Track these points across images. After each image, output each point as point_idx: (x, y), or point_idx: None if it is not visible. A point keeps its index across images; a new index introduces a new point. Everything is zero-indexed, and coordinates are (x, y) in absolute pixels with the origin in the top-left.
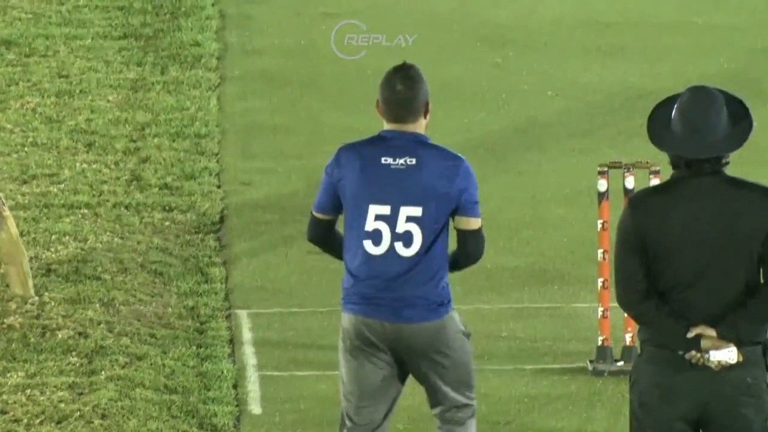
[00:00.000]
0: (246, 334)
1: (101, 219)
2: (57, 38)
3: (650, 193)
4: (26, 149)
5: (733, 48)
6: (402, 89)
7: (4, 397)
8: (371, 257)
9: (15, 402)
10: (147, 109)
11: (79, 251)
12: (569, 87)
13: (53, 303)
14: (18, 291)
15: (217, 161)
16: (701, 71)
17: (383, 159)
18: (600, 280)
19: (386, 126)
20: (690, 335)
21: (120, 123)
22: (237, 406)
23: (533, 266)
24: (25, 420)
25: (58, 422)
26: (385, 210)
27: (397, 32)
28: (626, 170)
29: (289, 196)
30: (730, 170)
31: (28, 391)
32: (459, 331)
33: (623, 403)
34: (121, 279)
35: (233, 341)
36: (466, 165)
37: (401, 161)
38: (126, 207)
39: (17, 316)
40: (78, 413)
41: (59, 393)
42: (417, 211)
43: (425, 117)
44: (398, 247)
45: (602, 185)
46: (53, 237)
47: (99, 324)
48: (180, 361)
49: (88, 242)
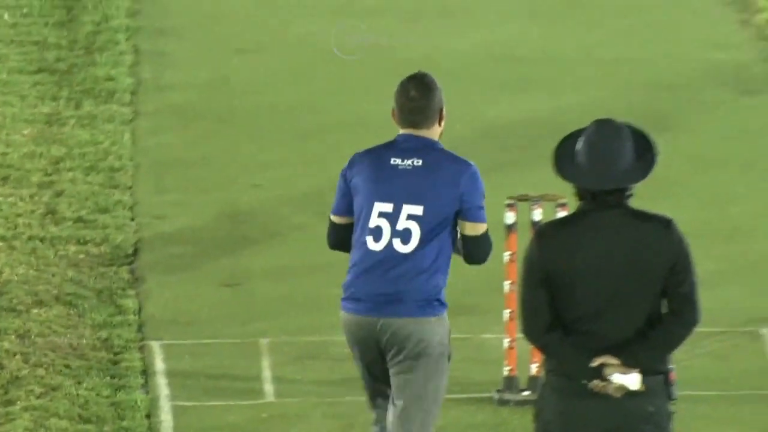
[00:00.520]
0: (159, 365)
1: (16, 252)
2: None
3: (556, 226)
4: None
5: (638, 81)
6: (416, 95)
7: None
8: (370, 252)
9: None
10: (61, 143)
11: None
12: (477, 120)
13: None
14: None
15: (131, 195)
16: (607, 104)
17: (392, 160)
18: (507, 311)
19: (401, 131)
20: (593, 365)
21: (35, 157)
22: None
23: None
24: None
25: None
26: (388, 207)
27: (308, 67)
28: (533, 203)
29: (202, 229)
30: (635, 203)
31: None
32: (442, 344)
33: None
34: (37, 311)
35: (146, 372)
36: (473, 170)
37: (409, 162)
38: (41, 240)
39: None
40: None
41: None
42: (418, 210)
43: (440, 124)
44: (396, 244)
45: (510, 218)
46: None
47: (14, 355)
48: (94, 392)
49: (4, 275)
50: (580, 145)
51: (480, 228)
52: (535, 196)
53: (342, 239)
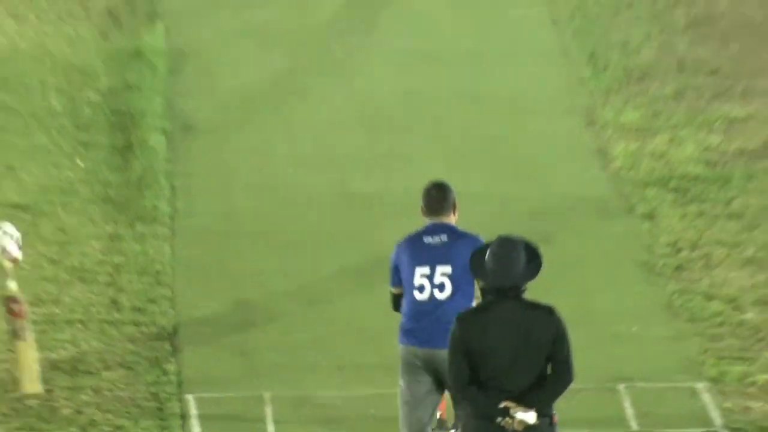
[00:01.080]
0: (193, 411)
1: (90, 331)
2: None
3: (472, 313)
4: None
5: (523, 211)
6: (435, 194)
7: None
8: (418, 302)
9: None
10: (121, 254)
11: None
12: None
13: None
14: (28, 390)
15: (171, 290)
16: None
17: (425, 238)
18: None
19: (428, 221)
20: (501, 406)
21: (103, 263)
22: None
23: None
24: None
25: None
26: (426, 270)
27: (308, 202)
28: None
29: (222, 315)
30: (532, 293)
31: None
32: None
33: None
34: (106, 373)
35: (184, 417)
36: (481, 239)
37: (437, 238)
38: (108, 322)
39: None
40: None
41: None
42: (448, 269)
43: (454, 213)
44: (436, 293)
45: None
46: None
47: (91, 405)
48: (147, 431)
49: (82, 347)
50: (488, 256)
51: None
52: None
53: (400, 303)
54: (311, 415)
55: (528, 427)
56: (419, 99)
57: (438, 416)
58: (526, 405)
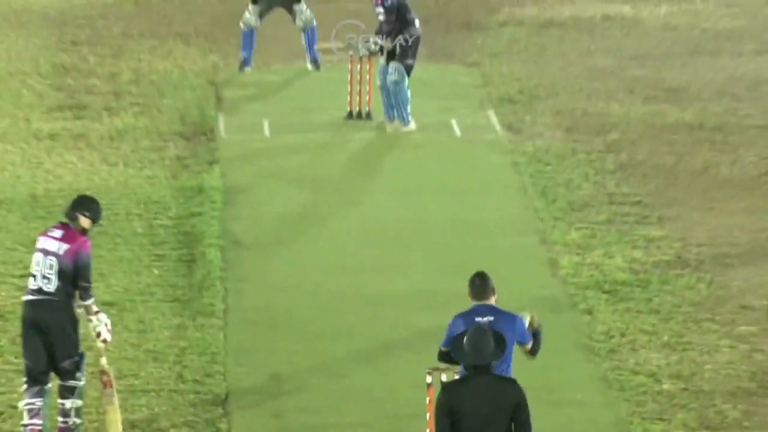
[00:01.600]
0: None
1: (161, 400)
2: None
3: (453, 383)
4: None
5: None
6: (479, 283)
7: None
8: None
9: None
10: (185, 339)
11: None
12: None
13: None
14: None
15: (224, 366)
16: None
17: (476, 318)
18: (427, 430)
19: (474, 303)
20: None
21: (171, 346)
22: None
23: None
24: None
25: None
26: None
27: (325, 307)
28: (442, 372)
29: (258, 387)
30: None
31: None
32: None
33: None
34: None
35: None
36: (519, 317)
37: (485, 318)
38: (176, 392)
39: None
40: None
41: None
42: None
43: (494, 295)
44: None
45: (428, 378)
46: None
47: None
48: None
49: (161, 424)
50: (465, 340)
51: (530, 344)
52: (443, 368)
53: (449, 359)
54: None
55: None
56: (414, 222)
57: None
58: None
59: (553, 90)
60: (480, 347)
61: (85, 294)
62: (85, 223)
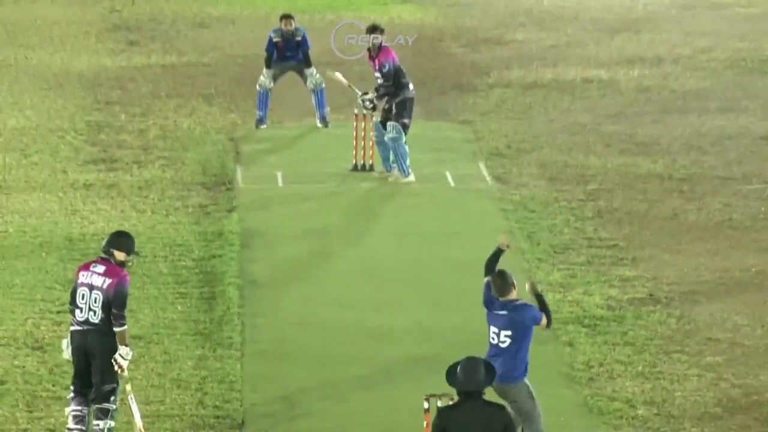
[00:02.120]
0: None
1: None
2: None
3: (449, 408)
4: None
5: (453, 342)
6: (499, 282)
7: None
8: (490, 347)
9: None
10: (205, 369)
11: None
12: None
13: None
14: None
15: (240, 394)
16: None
17: (495, 312)
18: None
19: (500, 298)
20: None
21: (194, 375)
22: None
23: None
24: None
25: None
26: (496, 330)
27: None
28: (439, 398)
29: (274, 412)
30: None
31: None
32: (528, 392)
33: None
34: None
35: None
36: (532, 308)
37: (503, 312)
38: (197, 417)
39: None
40: None
41: None
42: (509, 332)
43: (515, 289)
44: (500, 345)
45: (425, 404)
46: None
47: None
48: None
49: None
50: (459, 369)
51: (543, 320)
52: (439, 394)
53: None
54: None
55: None
56: (412, 263)
57: None
58: None
59: (538, 144)
60: (471, 375)
61: (116, 320)
62: (120, 257)
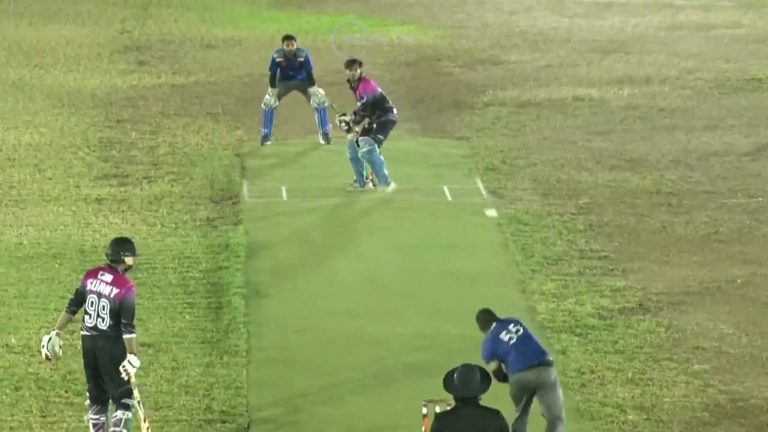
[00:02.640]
0: None
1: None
2: None
3: (446, 413)
4: None
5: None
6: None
7: None
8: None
9: None
10: (212, 375)
11: None
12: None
13: None
14: None
15: (246, 398)
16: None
17: (509, 326)
18: None
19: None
20: None
21: (200, 382)
22: None
23: None
24: None
25: None
26: (508, 333)
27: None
28: (436, 403)
29: (279, 417)
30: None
31: None
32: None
33: None
34: None
35: None
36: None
37: (514, 328)
38: (206, 421)
39: None
40: None
41: None
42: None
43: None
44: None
45: (424, 410)
46: None
47: None
48: None
49: None
50: (455, 375)
51: None
52: (437, 399)
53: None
54: None
55: None
56: (411, 274)
57: None
58: None
59: (531, 160)
60: (467, 382)
61: (125, 329)
62: (129, 261)
